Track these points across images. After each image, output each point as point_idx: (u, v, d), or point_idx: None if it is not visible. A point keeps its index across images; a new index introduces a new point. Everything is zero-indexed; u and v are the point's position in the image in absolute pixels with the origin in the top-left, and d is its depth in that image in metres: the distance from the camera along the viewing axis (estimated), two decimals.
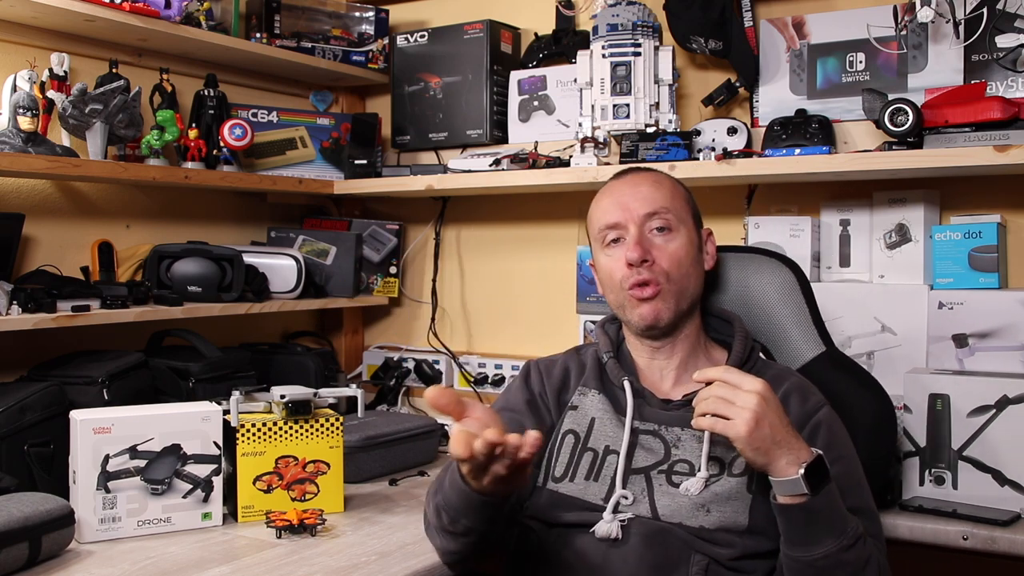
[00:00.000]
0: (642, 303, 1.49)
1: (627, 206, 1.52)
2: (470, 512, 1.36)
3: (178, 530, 1.70)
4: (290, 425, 1.79)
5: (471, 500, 1.34)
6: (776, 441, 1.27)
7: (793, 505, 1.29)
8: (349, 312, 2.81)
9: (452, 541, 1.44)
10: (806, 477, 1.27)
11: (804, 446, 1.30)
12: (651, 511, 1.42)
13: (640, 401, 1.51)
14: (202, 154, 2.32)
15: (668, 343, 1.54)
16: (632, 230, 1.51)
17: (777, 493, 1.30)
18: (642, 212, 1.51)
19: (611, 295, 1.56)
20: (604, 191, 1.60)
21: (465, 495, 1.34)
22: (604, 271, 1.56)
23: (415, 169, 2.48)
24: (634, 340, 1.58)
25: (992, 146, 1.76)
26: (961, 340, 1.85)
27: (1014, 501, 1.68)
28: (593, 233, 1.59)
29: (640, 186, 1.55)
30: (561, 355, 1.67)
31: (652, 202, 1.52)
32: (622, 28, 2.15)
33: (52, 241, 2.15)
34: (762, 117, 2.20)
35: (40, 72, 2.03)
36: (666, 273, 1.49)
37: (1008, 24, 1.92)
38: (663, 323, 1.50)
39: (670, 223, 1.52)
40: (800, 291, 1.69)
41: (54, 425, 1.75)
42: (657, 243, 1.51)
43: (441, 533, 1.45)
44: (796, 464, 1.27)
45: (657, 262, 1.49)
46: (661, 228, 1.51)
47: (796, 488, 1.27)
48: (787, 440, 1.28)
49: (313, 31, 2.58)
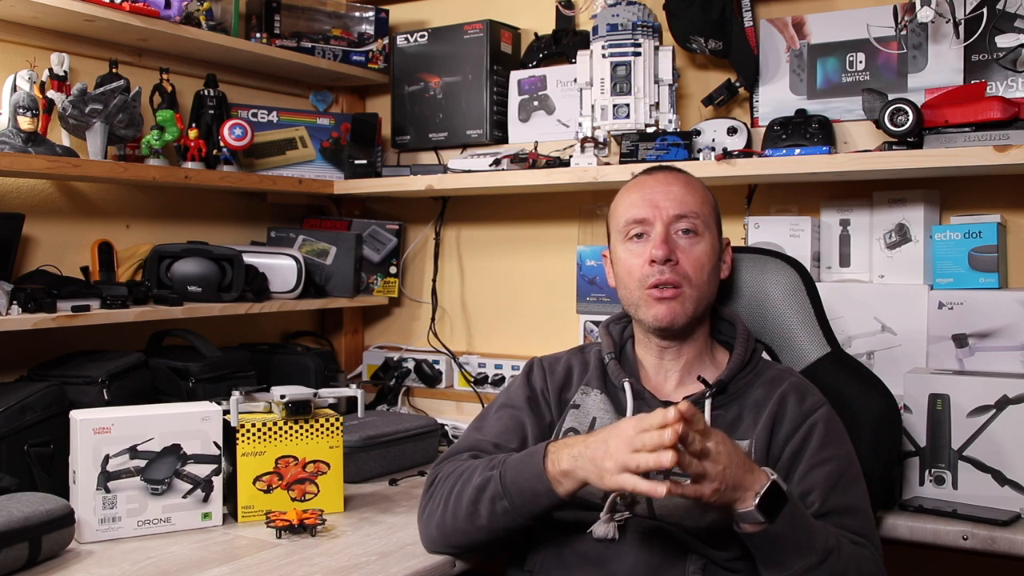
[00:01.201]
0: (659, 303, 1.49)
1: (657, 203, 1.51)
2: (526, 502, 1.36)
3: (178, 530, 1.69)
4: (290, 425, 1.78)
5: (540, 495, 1.35)
6: (735, 487, 1.26)
7: (756, 533, 1.29)
8: (349, 312, 2.81)
9: (468, 520, 1.42)
10: (760, 507, 1.26)
11: (759, 475, 1.28)
12: (648, 511, 1.42)
13: (640, 402, 1.51)
14: (202, 154, 2.32)
15: (676, 345, 1.54)
16: (659, 228, 1.50)
17: (739, 522, 1.30)
18: (672, 212, 1.51)
19: (626, 291, 1.54)
20: (634, 185, 1.58)
21: (540, 487, 1.34)
22: (623, 265, 1.54)
23: (415, 169, 2.48)
24: (643, 338, 1.58)
25: (992, 146, 1.76)
26: (961, 340, 1.85)
27: (1014, 501, 1.68)
28: (616, 225, 1.57)
29: (672, 186, 1.54)
30: (565, 353, 1.66)
31: (683, 204, 1.51)
32: (622, 28, 2.15)
33: (52, 241, 2.15)
34: (762, 117, 2.20)
35: (40, 72, 2.03)
36: (688, 276, 1.49)
37: (1008, 24, 1.92)
38: (677, 326, 1.50)
39: (697, 227, 1.51)
40: (805, 291, 1.69)
41: (54, 425, 1.75)
42: (682, 245, 1.50)
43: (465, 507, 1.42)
44: (752, 496, 1.26)
45: (680, 264, 1.49)
46: (688, 231, 1.51)
47: (754, 518, 1.27)
48: (744, 480, 1.27)
49: (313, 31, 2.58)
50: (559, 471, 1.34)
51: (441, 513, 1.47)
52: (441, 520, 1.47)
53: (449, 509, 1.45)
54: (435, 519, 1.49)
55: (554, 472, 1.35)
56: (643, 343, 1.58)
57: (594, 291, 2.37)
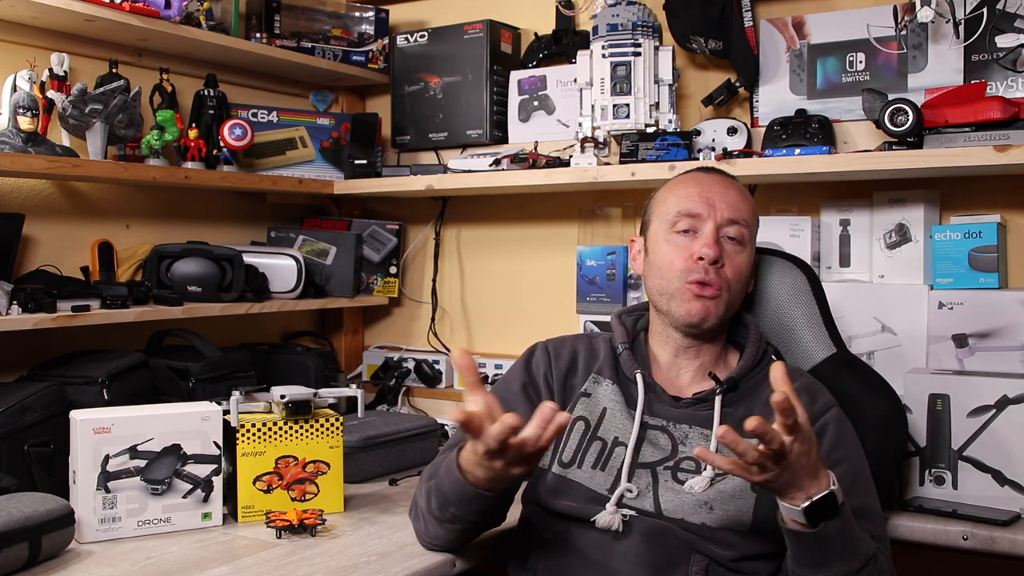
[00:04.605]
0: (697, 300, 1.48)
1: (713, 203, 1.51)
2: (461, 502, 1.37)
3: (178, 530, 1.69)
4: (290, 425, 1.78)
5: (465, 491, 1.35)
6: (788, 483, 1.22)
7: (804, 532, 1.26)
8: (349, 312, 2.81)
9: (437, 527, 1.45)
10: (807, 511, 1.22)
11: (821, 480, 1.23)
12: (654, 506, 1.42)
13: (651, 396, 1.51)
14: (202, 154, 2.32)
15: (696, 345, 1.54)
16: (710, 227, 1.50)
17: (783, 514, 1.27)
18: (727, 216, 1.50)
19: (662, 281, 1.52)
20: (690, 179, 1.57)
21: (459, 485, 1.35)
22: (663, 257, 1.52)
23: (415, 169, 2.48)
24: (661, 331, 1.56)
25: (992, 146, 1.76)
26: (961, 340, 1.85)
27: (1014, 501, 1.68)
28: (663, 215, 1.55)
29: (730, 189, 1.54)
30: (571, 337, 1.66)
31: (738, 210, 1.51)
32: (622, 28, 2.15)
33: (52, 241, 2.15)
34: (762, 117, 2.20)
35: (40, 72, 2.03)
36: (728, 282, 1.49)
37: (1008, 24, 1.92)
38: (707, 325, 1.49)
39: (744, 237, 1.51)
40: (811, 292, 1.69)
41: (54, 425, 1.75)
42: (728, 251, 1.50)
43: (428, 517, 1.46)
44: (803, 497, 1.23)
45: (725, 268, 1.49)
46: (734, 238, 1.51)
47: (797, 517, 1.24)
48: (801, 481, 1.22)
49: (313, 31, 2.58)
50: (468, 471, 1.35)
51: (423, 520, 1.49)
52: (424, 527, 1.50)
53: (423, 517, 1.48)
54: (420, 525, 1.51)
55: (468, 472, 1.35)
56: (660, 337, 1.57)
57: (594, 291, 2.37)
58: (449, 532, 1.46)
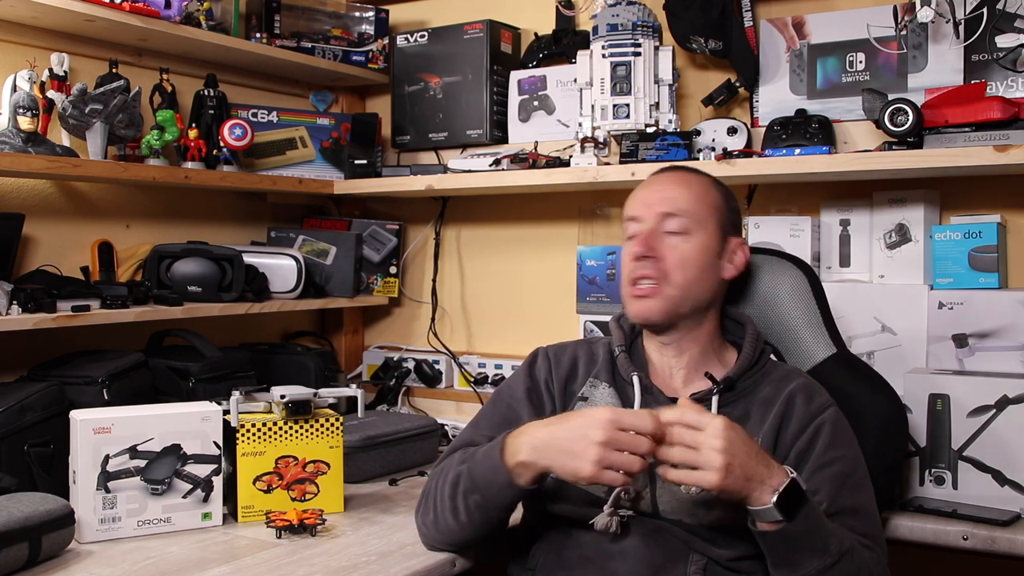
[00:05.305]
0: (637, 300, 1.50)
1: (648, 203, 1.53)
2: (490, 489, 1.38)
3: (178, 530, 1.69)
4: (290, 425, 1.78)
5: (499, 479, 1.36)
6: (748, 477, 1.26)
7: (771, 532, 1.28)
8: (349, 312, 2.81)
9: (451, 517, 1.45)
10: (779, 504, 1.26)
11: (777, 470, 1.28)
12: (652, 506, 1.43)
13: (648, 397, 1.51)
14: (202, 154, 2.32)
15: (674, 341, 1.54)
16: (644, 226, 1.51)
17: (754, 520, 1.29)
18: (659, 211, 1.51)
19: (622, 286, 1.56)
20: (641, 184, 1.60)
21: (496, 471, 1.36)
22: (621, 264, 1.56)
23: (415, 169, 2.48)
24: (647, 332, 1.59)
25: (992, 146, 1.76)
26: (961, 340, 1.85)
27: (1014, 501, 1.68)
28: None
29: (668, 184, 1.55)
30: (571, 343, 1.66)
31: (672, 203, 1.52)
32: (622, 28, 2.15)
33: (52, 241, 2.15)
34: (762, 117, 2.20)
35: (40, 72, 2.03)
36: (667, 274, 1.49)
37: (1008, 24, 1.92)
38: (652, 322, 1.51)
39: (686, 226, 1.51)
40: (811, 292, 1.69)
41: (54, 425, 1.75)
42: (670, 243, 1.50)
43: (443, 505, 1.45)
44: (770, 492, 1.26)
45: (663, 261, 1.49)
46: (674, 231, 1.51)
47: (771, 515, 1.27)
48: (758, 472, 1.26)
49: (313, 31, 2.58)
50: (517, 463, 1.36)
51: (434, 511, 1.49)
52: (434, 519, 1.50)
53: (436, 507, 1.48)
54: (429, 517, 1.51)
55: (512, 464, 1.36)
56: (648, 339, 1.59)
57: (594, 291, 2.37)
58: (460, 525, 1.45)
